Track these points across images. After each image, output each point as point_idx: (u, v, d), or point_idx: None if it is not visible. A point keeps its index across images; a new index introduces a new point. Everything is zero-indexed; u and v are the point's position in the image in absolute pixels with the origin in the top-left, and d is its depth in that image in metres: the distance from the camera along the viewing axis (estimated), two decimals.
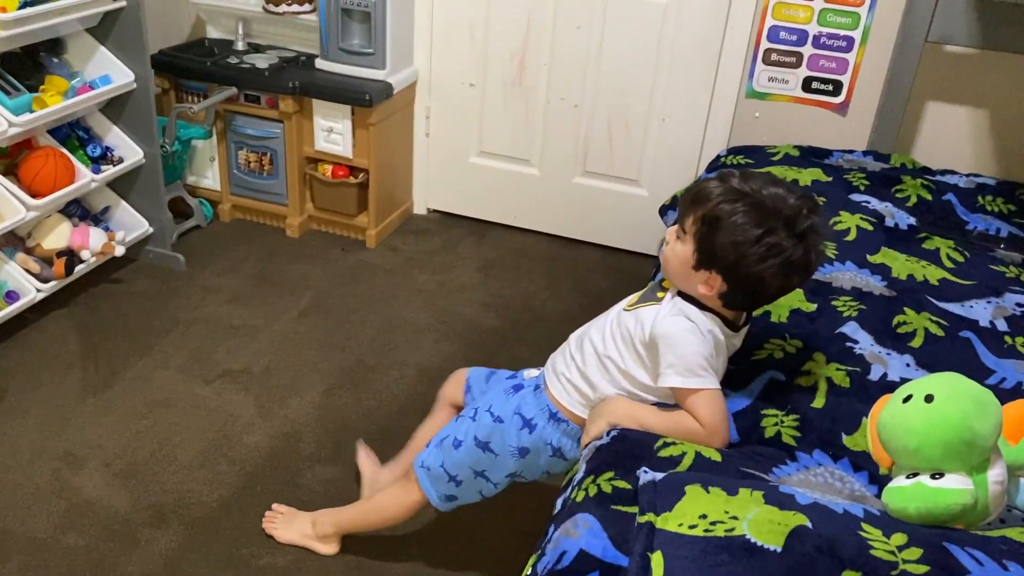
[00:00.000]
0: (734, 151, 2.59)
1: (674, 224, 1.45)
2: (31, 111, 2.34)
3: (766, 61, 2.77)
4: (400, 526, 1.84)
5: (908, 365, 1.55)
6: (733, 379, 1.52)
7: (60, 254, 2.50)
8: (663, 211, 2.49)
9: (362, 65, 2.91)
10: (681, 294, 1.44)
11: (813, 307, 1.73)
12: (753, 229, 1.30)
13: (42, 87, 2.43)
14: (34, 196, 2.37)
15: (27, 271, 2.43)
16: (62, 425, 2.14)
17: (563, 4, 2.89)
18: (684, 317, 1.40)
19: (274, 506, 1.93)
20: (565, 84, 3.00)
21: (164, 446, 2.10)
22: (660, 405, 1.46)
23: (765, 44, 2.75)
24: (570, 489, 1.31)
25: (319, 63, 2.98)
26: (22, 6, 2.22)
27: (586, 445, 1.43)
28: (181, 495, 1.96)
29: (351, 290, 2.83)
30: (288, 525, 1.87)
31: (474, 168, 3.25)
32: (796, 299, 1.75)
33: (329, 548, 1.84)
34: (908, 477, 1.14)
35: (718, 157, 2.60)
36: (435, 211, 3.40)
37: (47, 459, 2.03)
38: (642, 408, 1.44)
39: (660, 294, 1.47)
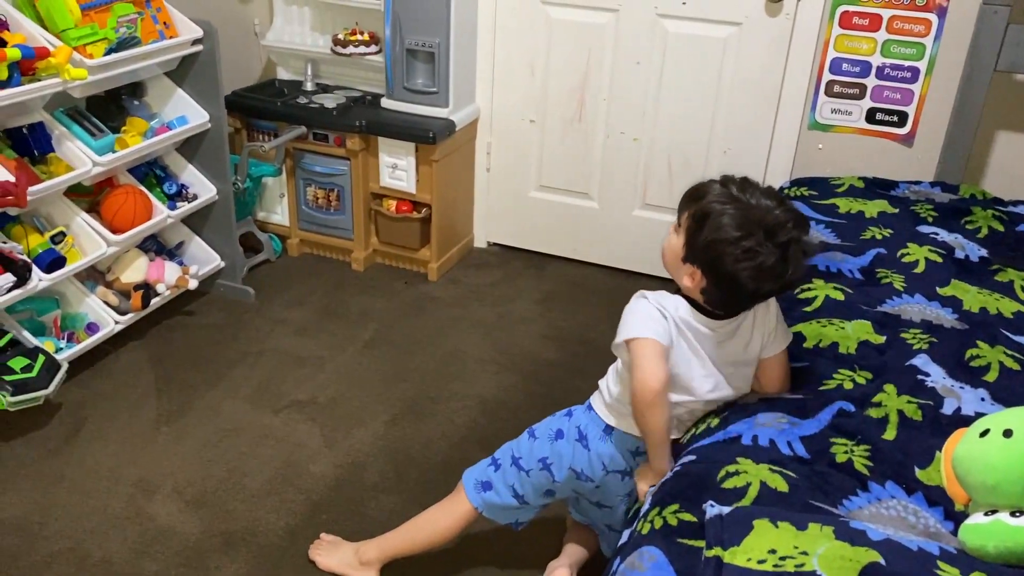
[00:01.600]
0: (797, 183, 2.58)
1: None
2: (113, 151, 2.46)
3: (829, 93, 2.76)
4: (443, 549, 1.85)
5: (983, 399, 1.51)
6: (802, 408, 1.50)
7: (137, 287, 2.60)
8: None
9: (426, 103, 2.99)
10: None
11: (882, 339, 1.70)
12: (734, 231, 1.38)
13: (123, 128, 2.55)
14: (114, 232, 2.47)
15: (106, 304, 2.54)
16: (137, 452, 2.21)
17: (622, 41, 2.92)
18: (642, 297, 1.51)
19: (321, 535, 1.96)
20: (624, 118, 3.03)
21: (233, 474, 2.15)
22: None
23: (827, 76, 2.74)
24: (636, 521, 1.30)
25: (384, 102, 3.06)
26: (107, 52, 2.34)
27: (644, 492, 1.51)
28: (249, 523, 2.01)
29: (414, 322, 2.87)
30: (330, 552, 1.90)
31: (534, 202, 3.29)
32: (864, 331, 1.72)
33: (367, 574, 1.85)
34: (986, 514, 1.11)
35: (781, 189, 2.58)
36: (495, 244, 3.44)
37: (123, 485, 2.10)
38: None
39: None
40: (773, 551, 1.07)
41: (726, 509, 1.18)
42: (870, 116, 2.75)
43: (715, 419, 1.53)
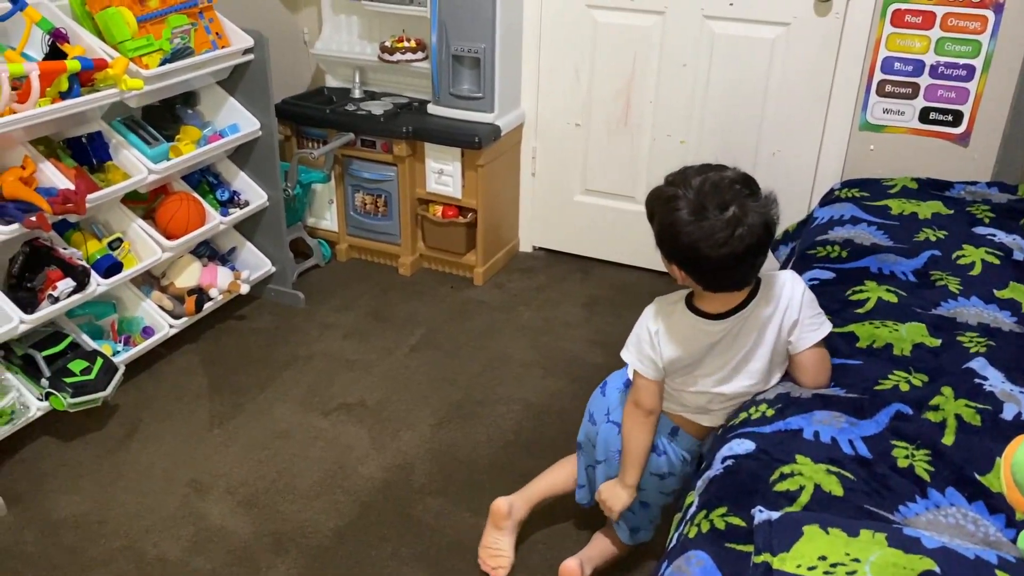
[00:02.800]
0: (848, 184, 2.53)
1: None
2: (168, 159, 2.52)
3: (880, 93, 2.71)
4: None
5: None
6: (859, 408, 1.48)
7: (191, 292, 2.66)
8: (774, 246, 2.45)
9: (472, 109, 3.00)
10: None
11: (938, 342, 1.66)
12: (673, 201, 1.45)
13: (177, 136, 2.61)
14: (169, 238, 2.53)
15: (161, 308, 2.60)
16: (190, 453, 2.26)
17: (668, 43, 2.91)
18: (650, 310, 1.61)
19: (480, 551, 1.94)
20: (671, 121, 3.01)
21: (284, 475, 2.19)
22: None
23: (879, 75, 2.69)
24: (683, 524, 1.29)
25: (431, 108, 3.09)
26: (162, 63, 2.40)
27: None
28: (299, 524, 2.03)
29: (460, 326, 2.89)
30: (493, 551, 1.90)
31: (579, 206, 3.28)
32: (919, 333, 1.68)
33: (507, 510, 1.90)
34: None
35: (832, 190, 2.54)
36: (540, 249, 3.44)
37: (177, 485, 2.15)
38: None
39: None
40: (824, 558, 1.05)
41: (775, 515, 1.16)
42: (923, 116, 2.69)
43: (769, 409, 1.50)
